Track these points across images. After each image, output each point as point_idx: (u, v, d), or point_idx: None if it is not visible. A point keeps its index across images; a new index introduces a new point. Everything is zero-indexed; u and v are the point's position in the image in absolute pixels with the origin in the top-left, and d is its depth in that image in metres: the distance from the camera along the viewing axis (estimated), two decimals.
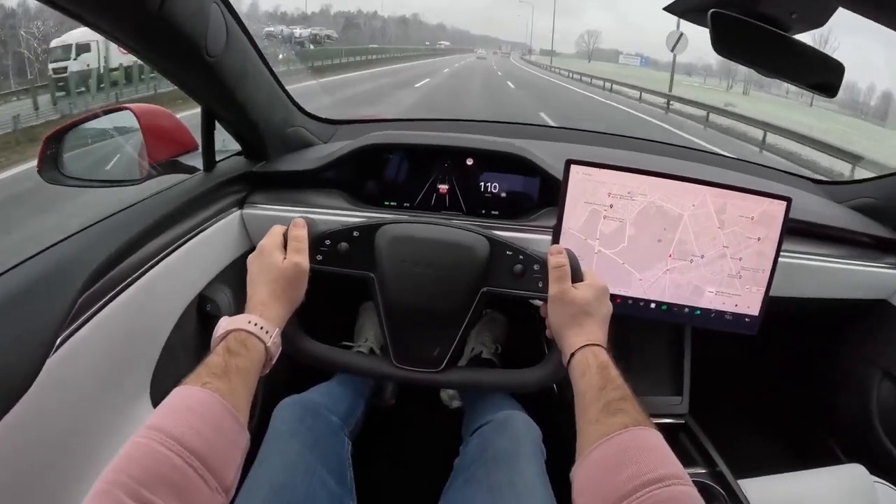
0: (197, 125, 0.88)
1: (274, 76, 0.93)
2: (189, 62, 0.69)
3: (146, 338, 0.73)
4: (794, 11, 0.66)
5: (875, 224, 1.04)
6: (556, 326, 0.63)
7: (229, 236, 0.90)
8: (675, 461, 0.46)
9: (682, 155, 1.24)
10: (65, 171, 0.90)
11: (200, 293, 0.83)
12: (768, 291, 0.83)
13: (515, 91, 16.19)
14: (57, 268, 0.59)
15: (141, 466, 0.40)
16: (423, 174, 0.97)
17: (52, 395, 0.55)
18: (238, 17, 0.75)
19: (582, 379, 0.56)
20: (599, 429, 0.49)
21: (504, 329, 1.25)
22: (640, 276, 0.84)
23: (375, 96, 11.73)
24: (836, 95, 0.72)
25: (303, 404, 0.82)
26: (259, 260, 0.63)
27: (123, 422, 0.67)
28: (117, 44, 0.63)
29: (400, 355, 0.67)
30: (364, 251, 0.66)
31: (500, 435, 0.78)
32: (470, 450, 0.79)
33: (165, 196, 0.80)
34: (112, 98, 8.39)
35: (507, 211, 0.98)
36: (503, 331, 1.24)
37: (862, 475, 0.85)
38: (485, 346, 1.15)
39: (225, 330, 0.55)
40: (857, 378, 1.08)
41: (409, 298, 0.65)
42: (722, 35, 0.66)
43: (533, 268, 0.65)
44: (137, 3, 0.55)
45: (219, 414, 0.47)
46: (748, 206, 0.81)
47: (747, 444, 1.10)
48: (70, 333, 0.58)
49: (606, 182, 0.82)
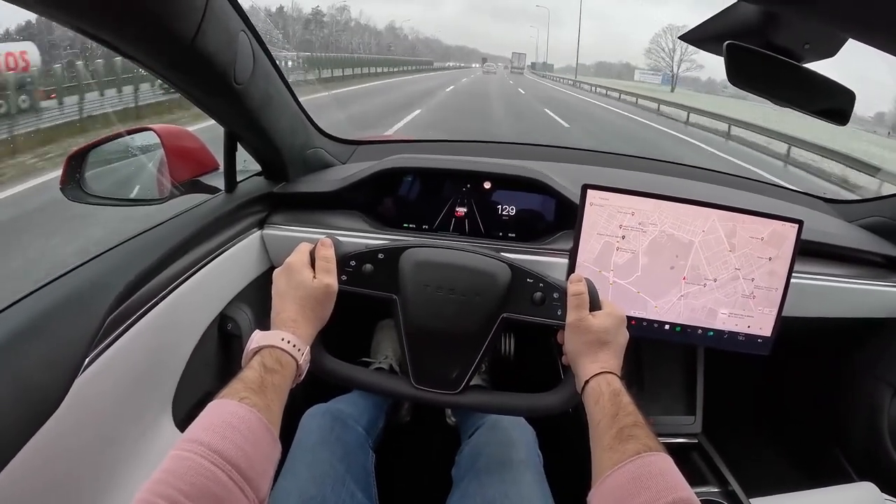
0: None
1: (296, 99, 0.95)
2: (217, 89, 0.71)
3: (169, 357, 0.74)
4: (807, 42, 0.68)
5: (886, 243, 1.05)
6: (572, 354, 0.64)
7: (250, 256, 0.92)
8: (685, 485, 0.47)
9: (695, 176, 1.26)
10: (87, 190, 0.92)
11: (221, 312, 0.85)
12: (781, 312, 0.83)
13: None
14: (84, 288, 0.60)
15: (184, 479, 0.41)
16: (442, 197, 0.99)
17: (80, 414, 0.56)
18: (264, 44, 0.77)
19: (595, 406, 0.57)
20: (613, 456, 0.51)
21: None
22: (656, 304, 0.85)
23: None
24: (846, 123, 0.73)
25: (332, 413, 0.82)
26: (287, 276, 0.63)
27: (146, 438, 0.69)
28: (148, 72, 0.65)
29: (419, 377, 0.68)
30: (388, 273, 0.67)
31: (491, 440, 0.79)
32: (463, 458, 0.80)
33: (189, 217, 0.81)
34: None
35: (524, 233, 0.99)
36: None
37: (873, 493, 0.85)
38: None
39: (258, 345, 0.56)
40: (868, 396, 1.09)
41: (430, 322, 0.66)
42: (737, 66, 0.68)
43: (553, 295, 0.66)
44: (171, 36, 0.57)
45: (256, 429, 0.48)
46: (757, 228, 0.82)
47: (759, 463, 1.11)
48: (97, 354, 0.59)
49: (623, 207, 0.83)
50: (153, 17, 0.54)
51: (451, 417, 1.15)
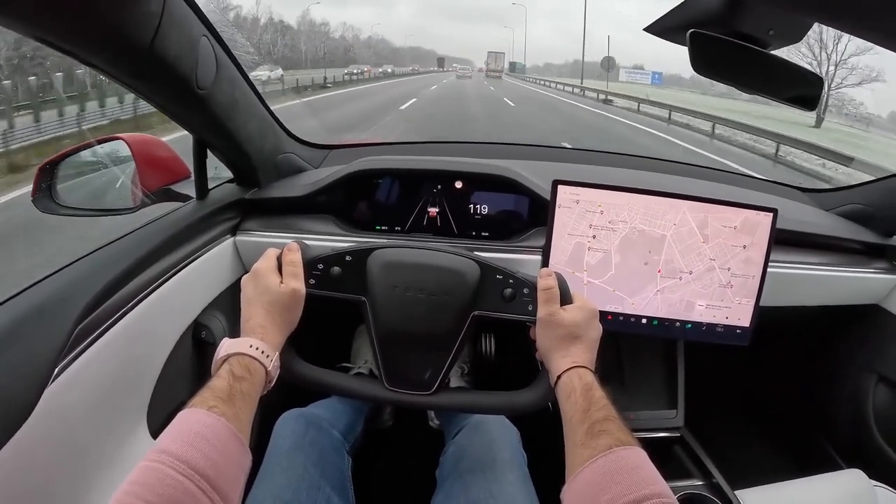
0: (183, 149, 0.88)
1: (264, 104, 0.94)
2: (179, 95, 0.70)
3: (142, 366, 0.73)
4: (772, 28, 0.68)
5: (863, 230, 1.05)
6: (543, 349, 0.63)
7: (223, 263, 0.91)
8: (658, 479, 0.47)
9: (669, 170, 1.26)
10: (59, 201, 0.91)
11: (195, 320, 0.84)
12: (758, 302, 0.83)
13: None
14: (53, 299, 0.59)
15: (152, 491, 0.41)
16: (413, 198, 0.98)
17: (51, 424, 0.56)
18: (228, 49, 0.76)
19: (567, 401, 0.56)
20: (584, 452, 0.50)
21: (471, 348, 1.24)
22: (632, 301, 0.85)
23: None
24: (814, 109, 0.73)
25: (306, 418, 0.81)
26: (254, 282, 0.63)
27: (121, 448, 0.68)
28: (108, 78, 0.64)
29: (392, 378, 0.67)
30: (356, 275, 0.66)
31: (473, 441, 0.78)
32: (447, 459, 0.79)
33: (159, 225, 0.80)
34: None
35: (497, 232, 0.98)
36: (470, 350, 1.24)
37: (861, 480, 0.85)
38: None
39: (226, 353, 0.56)
40: (853, 383, 1.09)
41: (400, 322, 0.65)
42: (701, 54, 0.67)
43: (523, 291, 0.65)
44: (128, 40, 0.56)
45: (225, 437, 0.47)
46: (729, 217, 0.82)
47: (745, 453, 1.10)
48: (67, 363, 0.58)
49: (592, 205, 0.83)
50: (107, 24, 0.53)
51: (433, 420, 1.15)
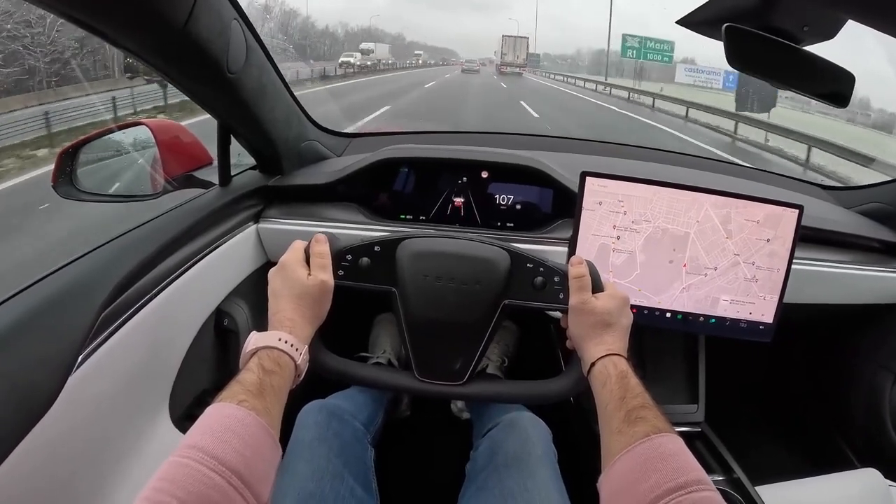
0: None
1: (290, 91, 0.94)
2: (210, 79, 0.70)
3: (165, 353, 0.73)
4: (806, 24, 0.67)
5: (884, 229, 1.05)
6: (576, 337, 0.63)
7: (245, 251, 0.91)
8: (696, 466, 0.47)
9: (694, 164, 1.25)
10: (79, 186, 0.90)
11: (217, 308, 0.83)
12: (782, 298, 0.83)
13: None
14: (77, 285, 0.59)
15: (182, 487, 0.40)
16: (438, 187, 0.98)
17: (74, 412, 0.55)
18: (257, 34, 0.76)
19: (603, 389, 0.56)
20: (622, 440, 0.50)
21: (515, 340, 1.25)
22: (658, 299, 0.84)
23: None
24: (847, 105, 0.73)
25: (328, 409, 0.81)
26: (282, 275, 0.62)
27: (143, 436, 0.68)
28: (139, 61, 0.64)
29: (423, 369, 0.67)
30: (386, 266, 0.66)
31: (509, 437, 0.78)
32: (480, 454, 0.79)
33: (183, 211, 0.80)
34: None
35: (522, 223, 0.98)
36: (514, 342, 1.24)
37: (877, 480, 0.85)
38: (490, 361, 1.15)
39: (255, 346, 0.55)
40: (869, 382, 1.09)
41: (431, 312, 0.65)
42: (736, 48, 0.67)
43: (554, 279, 0.65)
44: (162, 22, 0.56)
45: (256, 432, 0.47)
46: (751, 211, 0.82)
47: (763, 450, 1.10)
48: (91, 351, 0.58)
49: (616, 201, 0.82)
50: (143, 3, 0.53)
51: (464, 412, 1.14)
